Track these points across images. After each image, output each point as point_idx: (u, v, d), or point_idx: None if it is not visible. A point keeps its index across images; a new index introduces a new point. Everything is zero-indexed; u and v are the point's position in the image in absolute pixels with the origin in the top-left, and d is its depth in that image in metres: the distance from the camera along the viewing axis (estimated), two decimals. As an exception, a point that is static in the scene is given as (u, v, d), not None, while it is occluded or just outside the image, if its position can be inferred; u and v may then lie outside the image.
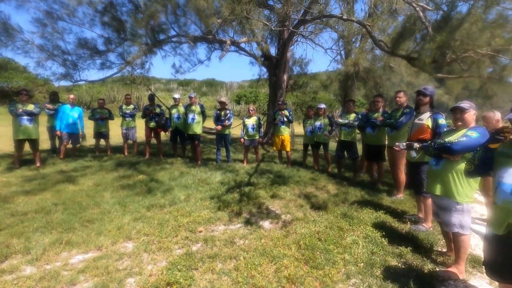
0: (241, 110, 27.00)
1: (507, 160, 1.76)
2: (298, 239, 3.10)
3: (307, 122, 6.77)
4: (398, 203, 4.47)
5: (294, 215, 3.87)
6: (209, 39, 7.81)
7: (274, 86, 10.50)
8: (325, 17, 8.32)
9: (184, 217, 3.63)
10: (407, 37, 6.53)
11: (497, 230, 1.79)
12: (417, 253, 2.92)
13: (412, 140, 3.63)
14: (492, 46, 4.47)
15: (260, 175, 5.85)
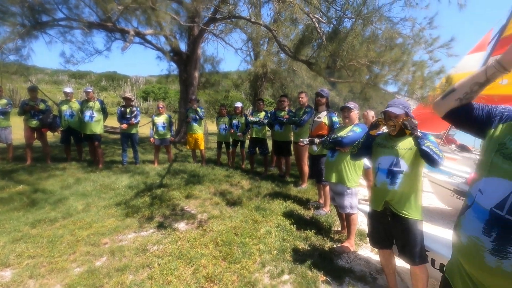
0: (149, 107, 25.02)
1: (383, 149, 2.19)
2: (215, 236, 3.12)
3: (220, 120, 6.83)
4: (303, 192, 5.02)
5: (210, 213, 3.87)
6: (108, 27, 6.94)
7: (185, 83, 10.17)
8: (234, 17, 8.53)
9: (83, 230, 3.16)
10: (306, 44, 7.33)
11: (376, 207, 2.22)
12: (319, 235, 3.35)
13: (313, 136, 4.14)
14: (368, 57, 5.48)
15: (173, 175, 5.60)
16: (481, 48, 8.52)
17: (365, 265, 2.85)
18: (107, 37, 9.23)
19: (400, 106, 2.11)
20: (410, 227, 2.05)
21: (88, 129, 6.03)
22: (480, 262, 0.97)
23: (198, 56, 10.33)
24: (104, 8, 5.46)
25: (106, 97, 24.59)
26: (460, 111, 1.21)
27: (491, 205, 0.97)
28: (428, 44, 5.55)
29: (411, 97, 5.99)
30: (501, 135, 1.05)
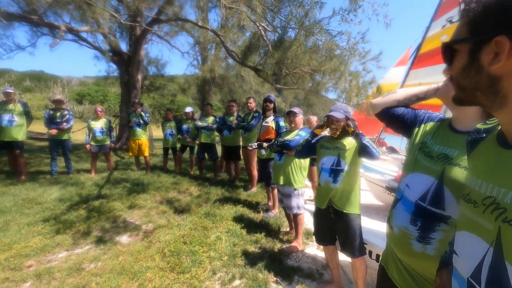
0: (84, 111, 22.72)
1: (326, 151, 2.35)
2: (162, 247, 2.95)
3: (167, 125, 6.55)
4: (253, 196, 5.08)
5: (156, 223, 3.65)
6: (33, 20, 6.13)
7: (127, 85, 9.53)
8: (180, 20, 8.31)
9: (0, 253, 2.70)
10: (254, 51, 7.51)
11: (320, 205, 2.36)
12: (269, 237, 3.41)
13: (261, 140, 4.24)
14: (310, 66, 5.85)
15: (113, 185, 5.16)
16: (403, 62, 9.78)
17: (312, 262, 2.99)
18: (31, 31, 8.17)
19: (341, 111, 2.29)
20: (350, 223, 2.22)
21: (7, 135, 5.21)
22: (409, 249, 1.10)
23: (141, 57, 9.79)
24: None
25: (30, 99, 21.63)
26: (393, 111, 1.37)
27: (416, 197, 1.10)
28: (361, 56, 6.16)
29: (348, 103, 6.56)
30: (423, 135, 1.21)
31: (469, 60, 0.60)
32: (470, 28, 0.59)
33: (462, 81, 0.63)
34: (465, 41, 0.60)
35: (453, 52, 0.64)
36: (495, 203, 0.58)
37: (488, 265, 0.58)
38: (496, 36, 0.53)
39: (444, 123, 1.19)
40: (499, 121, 0.66)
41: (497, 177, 0.61)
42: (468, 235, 0.66)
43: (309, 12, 6.12)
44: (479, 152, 0.73)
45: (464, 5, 0.60)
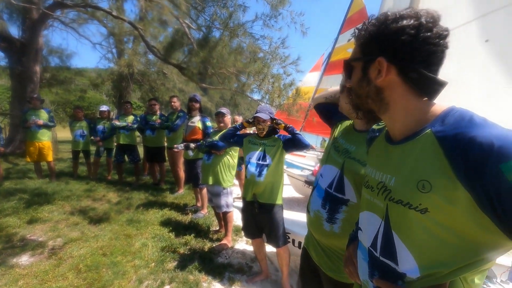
0: (-45, 107, 17.99)
1: (253, 146, 2.49)
2: (76, 262, 2.61)
3: (76, 125, 5.76)
4: (180, 198, 4.92)
5: (67, 236, 3.19)
6: None
7: (20, 78, 7.94)
8: (89, 7, 7.40)
9: None
10: (177, 48, 7.24)
11: (246, 196, 2.49)
12: (199, 237, 3.38)
13: (188, 140, 4.14)
14: (236, 67, 5.98)
15: (5, 197, 4.27)
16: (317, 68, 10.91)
17: (241, 257, 3.10)
18: None
19: (266, 112, 2.45)
20: (273, 214, 2.40)
21: None
22: (321, 229, 1.29)
23: (39, 45, 8.31)
24: None
25: None
26: (324, 107, 1.63)
27: (325, 185, 1.32)
28: (282, 60, 6.60)
29: (271, 104, 6.97)
30: (336, 133, 1.44)
31: (362, 74, 0.77)
32: (361, 50, 0.77)
33: (359, 90, 0.79)
34: (358, 60, 0.78)
35: (351, 67, 0.81)
36: (384, 186, 0.76)
37: (381, 235, 0.75)
38: (378, 57, 0.71)
39: (352, 123, 1.42)
40: (385, 123, 0.84)
41: (385, 166, 0.79)
42: (368, 214, 0.83)
43: (233, 14, 6.26)
44: (374, 147, 0.92)
45: (357, 32, 0.78)
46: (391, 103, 0.74)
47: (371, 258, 0.78)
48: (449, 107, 0.71)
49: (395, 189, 0.72)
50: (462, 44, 2.26)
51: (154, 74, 12.63)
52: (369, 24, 0.75)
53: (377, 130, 0.96)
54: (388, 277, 0.73)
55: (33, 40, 7.93)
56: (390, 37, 0.70)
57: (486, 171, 0.55)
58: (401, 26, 0.68)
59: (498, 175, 0.53)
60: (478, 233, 0.61)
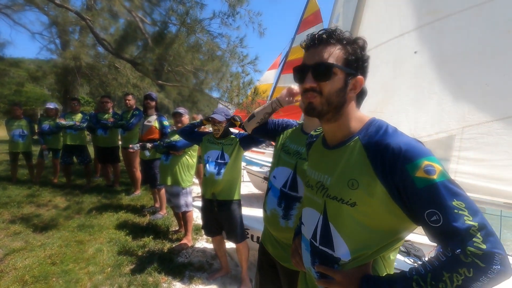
0: None
1: (211, 145, 2.55)
2: (21, 274, 2.44)
3: (14, 124, 5.21)
4: (137, 199, 4.77)
5: (8, 247, 2.94)
6: None
7: None
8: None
9: None
10: (130, 42, 6.89)
11: (205, 194, 2.55)
12: (158, 239, 3.35)
13: (144, 140, 4.03)
14: (193, 65, 5.91)
15: None
16: (275, 66, 11.21)
17: (202, 255, 3.15)
18: None
19: (222, 113, 2.52)
20: (232, 211, 2.49)
21: None
22: (277, 225, 1.42)
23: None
24: None
25: None
26: (260, 129, 1.71)
27: (280, 185, 1.44)
28: (240, 59, 6.67)
29: (230, 102, 7.02)
30: (283, 138, 1.57)
31: (343, 84, 0.83)
32: (348, 62, 0.82)
33: (334, 98, 0.83)
34: (346, 70, 0.82)
35: (330, 73, 0.81)
36: (322, 185, 0.90)
37: (320, 227, 0.89)
38: (359, 75, 0.84)
39: (298, 127, 1.56)
40: (324, 130, 0.97)
41: (322, 168, 0.94)
42: (309, 210, 0.97)
43: (190, 10, 6.15)
44: (313, 151, 1.07)
45: (346, 42, 0.83)
46: (345, 114, 0.86)
47: (312, 248, 0.92)
48: (371, 118, 0.88)
49: (331, 187, 0.86)
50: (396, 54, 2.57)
51: (105, 67, 11.78)
52: (349, 41, 0.84)
53: (314, 136, 1.11)
54: (326, 262, 0.87)
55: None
56: (365, 60, 0.85)
57: (397, 170, 0.71)
58: (365, 49, 0.85)
59: (404, 173, 0.70)
60: (392, 220, 0.77)
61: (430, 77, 2.48)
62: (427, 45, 2.49)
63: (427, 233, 0.72)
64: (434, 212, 0.67)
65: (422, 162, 0.69)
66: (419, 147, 0.73)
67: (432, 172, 0.68)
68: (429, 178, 0.68)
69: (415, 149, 0.72)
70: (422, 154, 0.71)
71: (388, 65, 2.78)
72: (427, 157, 0.70)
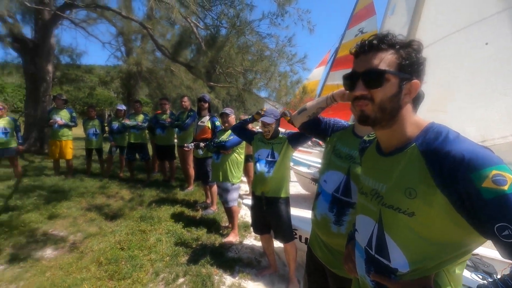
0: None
1: (262, 144, 2.63)
2: (97, 256, 2.80)
3: (89, 124, 5.96)
4: (190, 195, 5.09)
5: (86, 231, 3.39)
6: None
7: (34, 77, 8.17)
8: (99, 7, 7.55)
9: None
10: (185, 47, 7.37)
11: (255, 191, 2.63)
12: (209, 233, 3.54)
13: (198, 139, 4.29)
14: (243, 66, 6.08)
15: (25, 194, 4.49)
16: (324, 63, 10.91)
17: (250, 252, 3.25)
18: None
19: (271, 115, 2.57)
20: (280, 209, 2.53)
21: None
22: (328, 231, 1.40)
23: (51, 46, 8.51)
24: None
25: None
26: (309, 124, 1.67)
27: (331, 190, 1.41)
28: (288, 58, 6.67)
29: (278, 102, 7.06)
30: (334, 141, 1.53)
31: (397, 90, 0.79)
32: (402, 67, 0.79)
33: (387, 104, 0.79)
34: (400, 75, 0.78)
35: (383, 79, 0.78)
36: (377, 193, 0.88)
37: (376, 236, 0.87)
38: (414, 79, 0.80)
39: (348, 129, 1.52)
40: (378, 136, 0.94)
41: (377, 175, 0.91)
42: (364, 217, 0.94)
43: (240, 13, 6.33)
44: (366, 157, 1.04)
45: (399, 46, 0.79)
46: (400, 119, 0.82)
47: (368, 256, 0.90)
48: (429, 123, 0.83)
49: (387, 195, 0.84)
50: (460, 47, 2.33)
51: (162, 71, 12.77)
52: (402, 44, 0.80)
53: (368, 141, 1.07)
54: (382, 272, 0.85)
55: (45, 40, 8.13)
56: (421, 62, 0.80)
57: (459, 179, 0.67)
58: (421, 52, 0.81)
59: (469, 183, 0.65)
60: (456, 231, 0.72)
61: (504, 70, 2.20)
62: (500, 35, 2.21)
63: (498, 248, 0.66)
64: (506, 227, 0.61)
65: (490, 172, 0.64)
66: (487, 155, 0.67)
67: (503, 182, 0.62)
68: (499, 188, 0.62)
69: (482, 157, 0.66)
70: (490, 163, 0.65)
71: (450, 60, 2.54)
72: (497, 166, 0.64)
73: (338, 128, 1.57)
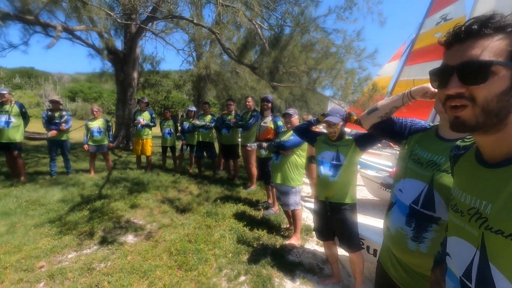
0: (77, 108, 22.49)
1: (326, 146, 2.49)
2: (169, 246, 3.05)
3: (165, 124, 6.60)
4: (253, 194, 5.19)
5: (160, 222, 3.75)
6: (28, 19, 6.07)
7: (123, 83, 9.48)
8: (175, 17, 8.28)
9: (10, 255, 2.77)
10: (250, 49, 7.55)
11: (319, 196, 2.50)
12: (270, 233, 3.54)
13: (261, 140, 4.34)
14: (307, 64, 5.94)
15: (114, 184, 5.21)
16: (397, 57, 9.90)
17: (312, 257, 3.13)
18: (24, 29, 8.06)
19: (337, 115, 2.41)
20: (346, 216, 2.35)
21: (5, 136, 5.19)
22: (404, 247, 1.21)
23: (136, 55, 9.73)
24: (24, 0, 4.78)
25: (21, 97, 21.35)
26: (381, 125, 1.50)
27: (409, 201, 1.22)
28: (357, 54, 6.26)
29: (344, 100, 6.69)
30: (411, 145, 1.33)
31: (509, 85, 0.61)
32: None
33: (494, 104, 0.62)
34: (507, 66, 0.61)
35: (487, 72, 0.62)
36: (478, 213, 0.70)
37: (477, 266, 0.69)
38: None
39: (430, 131, 1.30)
40: (478, 142, 0.75)
41: (477, 190, 0.72)
42: (458, 240, 0.77)
43: (305, 10, 6.20)
44: (461, 167, 0.84)
45: (511, 29, 0.62)
46: (510, 123, 0.65)
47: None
48: None
49: (493, 218, 0.66)
50: None
51: (228, 73, 13.43)
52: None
53: (462, 147, 0.87)
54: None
55: (132, 51, 9.33)
56: None
57: None
58: None
59: None
60: None
61: None
62: None
63: None
64: None
65: None
66: None
67: None
68: None
69: None
70: None
71: None
72: None
73: (416, 130, 1.36)
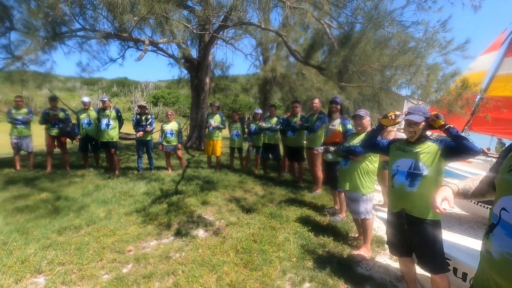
0: (159, 112, 25.44)
1: (402, 153, 2.24)
2: (235, 243, 3.18)
3: (233, 126, 6.92)
4: (318, 198, 5.04)
5: (227, 220, 3.94)
6: (123, 37, 7.14)
7: (197, 88, 10.33)
8: (244, 24, 8.64)
9: (107, 237, 3.27)
10: (317, 49, 7.37)
11: (393, 208, 2.28)
12: (337, 241, 3.37)
13: (328, 143, 4.18)
14: (381, 62, 5.47)
15: (187, 182, 5.70)
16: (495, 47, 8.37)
17: (384, 272, 2.87)
18: (120, 45, 9.51)
19: (420, 113, 2.14)
20: (427, 232, 2.07)
21: (105, 136, 6.20)
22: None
23: (209, 62, 10.48)
24: (121, 20, 5.62)
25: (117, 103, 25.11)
26: None
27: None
28: (442, 47, 5.51)
29: (424, 100, 5.96)
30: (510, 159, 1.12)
31: None
32: None
33: None
34: None
35: None
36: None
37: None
38: None
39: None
40: None
41: None
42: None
43: (379, 4, 5.74)
44: None
45: None
46: None
47: None
48: None
49: None
50: None
51: (294, 75, 13.38)
52: None
53: None
54: None
55: (205, 58, 10.10)
56: None
57: None
58: None
59: None
60: None
61: None
62: None
63: None
64: None
65: None
66: None
67: None
68: None
69: None
70: None
71: None
72: None
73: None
